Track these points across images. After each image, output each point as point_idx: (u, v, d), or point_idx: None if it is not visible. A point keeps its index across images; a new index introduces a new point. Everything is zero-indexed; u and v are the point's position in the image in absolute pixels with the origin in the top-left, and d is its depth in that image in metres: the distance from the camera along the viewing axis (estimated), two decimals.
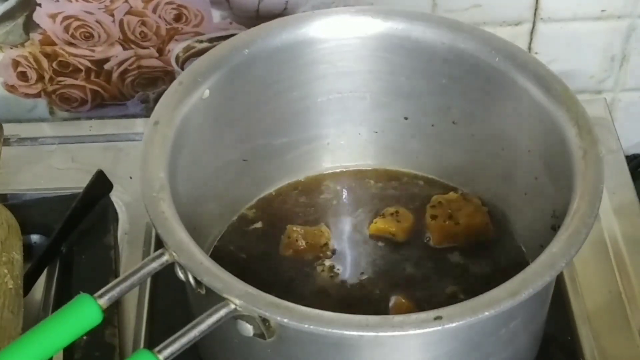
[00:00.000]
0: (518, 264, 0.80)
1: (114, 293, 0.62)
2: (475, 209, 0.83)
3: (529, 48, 0.98)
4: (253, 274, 0.75)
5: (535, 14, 0.96)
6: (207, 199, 0.80)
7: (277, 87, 0.81)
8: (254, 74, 0.78)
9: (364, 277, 0.81)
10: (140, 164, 0.68)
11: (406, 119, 0.85)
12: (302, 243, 0.83)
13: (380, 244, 0.84)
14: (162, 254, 0.64)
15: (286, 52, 0.79)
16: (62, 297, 0.85)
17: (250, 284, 0.75)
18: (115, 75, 1.02)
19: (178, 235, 0.64)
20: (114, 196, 0.93)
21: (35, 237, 0.91)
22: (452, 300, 0.78)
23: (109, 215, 0.92)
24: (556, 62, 0.92)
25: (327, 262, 0.82)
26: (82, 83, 1.03)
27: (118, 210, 0.93)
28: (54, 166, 0.98)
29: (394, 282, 0.81)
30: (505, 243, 0.83)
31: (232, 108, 0.78)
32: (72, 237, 0.89)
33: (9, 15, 0.96)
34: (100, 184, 0.92)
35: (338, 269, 0.82)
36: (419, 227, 0.85)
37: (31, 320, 0.80)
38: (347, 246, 0.84)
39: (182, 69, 0.98)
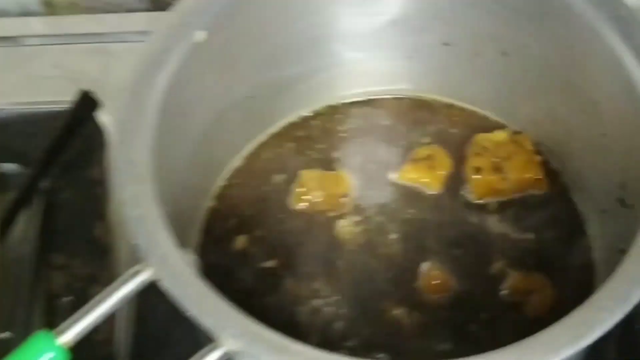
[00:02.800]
0: (575, 230, 0.69)
1: (78, 328, 0.50)
2: (527, 159, 0.69)
3: None
4: (259, 232, 0.68)
5: None
6: (206, 149, 0.67)
7: (289, 13, 0.67)
8: (259, 4, 0.64)
9: (390, 237, 0.68)
10: (114, 144, 0.54)
11: (446, 45, 0.70)
12: (318, 194, 0.69)
13: (410, 195, 0.70)
14: (139, 271, 0.51)
15: None
16: (43, 245, 0.74)
17: (255, 245, 0.68)
18: None
19: (162, 247, 0.51)
20: (104, 115, 0.78)
21: (9, 166, 0.79)
22: (497, 277, 0.67)
23: (96, 142, 0.78)
24: None
25: (347, 219, 0.69)
26: None
27: (107, 132, 0.78)
28: (32, 74, 0.83)
29: (425, 245, 0.68)
30: (559, 203, 0.69)
31: (235, 47, 0.65)
32: (52, 170, 0.76)
33: None
34: (85, 103, 0.78)
35: (359, 227, 0.69)
36: (457, 174, 0.71)
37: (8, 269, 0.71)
38: (370, 198, 0.70)
39: None
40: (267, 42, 0.67)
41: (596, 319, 0.49)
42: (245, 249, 0.68)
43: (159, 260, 0.52)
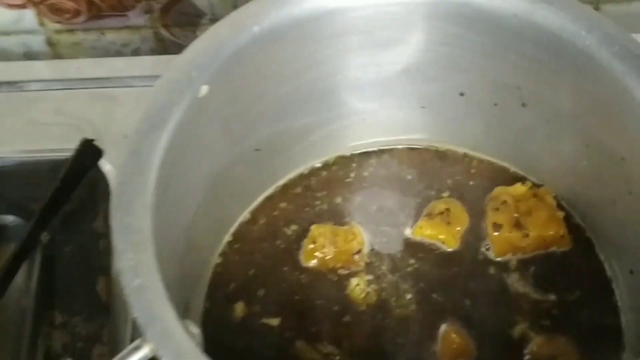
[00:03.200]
0: (602, 290, 0.66)
1: None
2: (550, 214, 0.66)
3: None
4: (266, 291, 0.65)
5: None
6: (212, 205, 0.64)
7: (297, 64, 0.63)
8: (266, 56, 0.61)
9: (405, 297, 0.65)
10: (113, 208, 0.51)
11: (462, 94, 0.67)
12: (329, 250, 0.66)
13: (425, 253, 0.67)
14: (139, 347, 0.48)
15: (308, 25, 0.61)
16: (43, 302, 0.70)
17: (263, 305, 0.65)
18: None
19: (163, 321, 0.48)
20: (106, 163, 0.75)
21: (8, 218, 0.75)
22: (519, 340, 0.64)
23: (99, 192, 0.75)
24: None
25: (360, 277, 0.66)
26: None
27: (110, 182, 0.75)
28: (34, 120, 0.80)
29: (443, 306, 0.64)
30: (584, 260, 0.66)
31: (240, 99, 0.62)
32: (53, 222, 0.73)
33: None
34: (88, 153, 0.75)
35: (372, 286, 0.65)
36: (475, 230, 0.67)
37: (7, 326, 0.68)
38: (384, 255, 0.67)
39: None
40: (275, 94, 0.64)
41: None
42: (253, 310, 0.65)
43: (160, 335, 0.48)
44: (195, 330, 0.51)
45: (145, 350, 0.48)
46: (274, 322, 0.64)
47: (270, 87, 0.63)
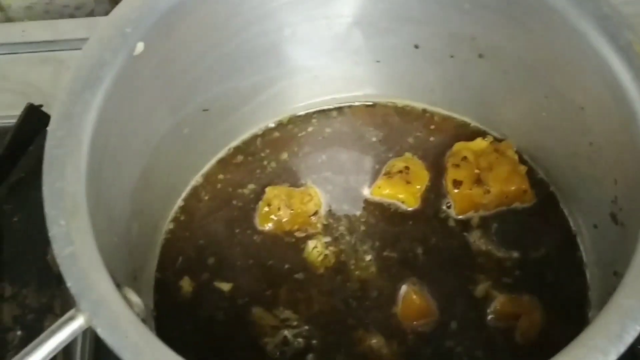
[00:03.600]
0: (566, 245, 0.64)
1: None
2: (511, 169, 0.63)
3: None
4: (219, 257, 0.62)
5: None
6: (159, 169, 0.61)
7: (239, 19, 0.60)
8: (207, 10, 0.57)
9: (364, 258, 0.63)
10: (44, 174, 0.48)
11: (417, 47, 0.64)
12: (285, 213, 0.63)
13: (385, 213, 0.64)
14: (72, 318, 0.45)
15: None
16: None
17: (213, 271, 0.63)
18: None
19: (98, 290, 0.45)
20: None
21: None
22: (482, 300, 0.61)
23: None
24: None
25: (318, 240, 0.63)
26: None
27: None
28: None
29: (403, 267, 0.62)
30: (548, 215, 0.63)
31: (180, 58, 0.58)
32: (0, 191, 0.70)
33: None
34: (33, 119, 0.72)
35: (330, 248, 0.63)
36: (436, 187, 0.65)
37: None
38: (342, 216, 0.65)
39: None
40: (219, 51, 0.61)
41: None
42: (203, 278, 0.62)
43: (94, 304, 0.46)
44: (135, 298, 0.49)
45: (79, 321, 0.46)
46: (226, 287, 0.62)
47: (214, 43, 0.60)
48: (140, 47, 0.55)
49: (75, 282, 0.46)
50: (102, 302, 0.46)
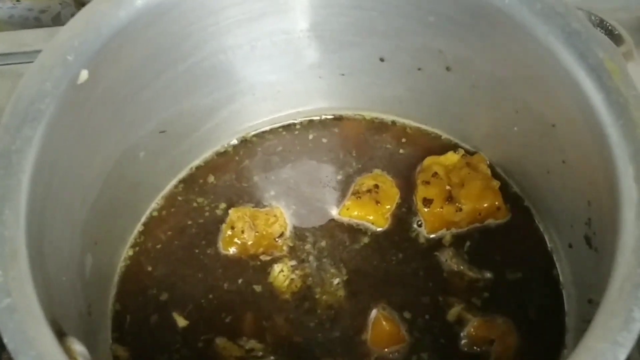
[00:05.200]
0: (542, 264, 0.61)
1: None
2: (484, 184, 0.60)
3: None
4: (179, 286, 0.60)
5: None
6: (111, 200, 0.57)
7: (193, 39, 0.57)
8: (155, 31, 0.54)
9: (332, 282, 0.60)
10: None
11: (382, 60, 0.61)
12: (249, 235, 0.60)
13: (353, 234, 0.61)
14: None
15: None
16: None
17: (177, 301, 0.60)
18: None
19: (38, 345, 0.43)
20: None
21: None
22: (454, 324, 0.59)
23: None
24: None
25: (284, 263, 0.60)
26: None
27: None
28: None
29: (372, 290, 0.59)
30: (523, 231, 0.60)
31: (131, 81, 0.54)
32: None
33: None
34: None
35: (297, 272, 0.60)
36: (406, 204, 0.62)
37: None
38: (308, 238, 0.62)
39: None
40: (172, 72, 0.58)
41: None
42: (166, 307, 0.60)
43: None
44: (79, 348, 0.46)
45: None
46: (187, 318, 0.59)
47: (165, 65, 0.57)
48: (84, 75, 0.51)
49: (13, 338, 0.44)
50: (42, 359, 0.43)
